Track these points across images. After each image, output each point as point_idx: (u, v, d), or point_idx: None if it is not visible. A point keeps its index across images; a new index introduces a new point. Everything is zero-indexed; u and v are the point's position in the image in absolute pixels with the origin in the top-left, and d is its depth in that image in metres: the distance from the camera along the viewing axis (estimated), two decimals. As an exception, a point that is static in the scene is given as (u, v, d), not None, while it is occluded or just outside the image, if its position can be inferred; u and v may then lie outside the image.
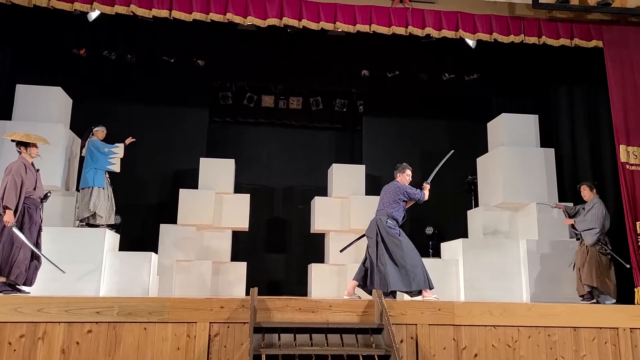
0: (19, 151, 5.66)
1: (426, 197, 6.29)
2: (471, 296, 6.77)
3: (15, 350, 4.73)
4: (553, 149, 7.76)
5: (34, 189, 5.58)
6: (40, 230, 5.67)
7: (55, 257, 6.09)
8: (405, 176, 6.34)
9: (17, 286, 5.51)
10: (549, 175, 7.55)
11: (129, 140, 7.28)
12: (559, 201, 7.49)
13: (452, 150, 6.74)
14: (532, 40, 7.05)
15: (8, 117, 6.88)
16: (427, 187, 6.29)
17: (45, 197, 5.76)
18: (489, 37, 6.99)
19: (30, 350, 4.75)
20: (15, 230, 5.37)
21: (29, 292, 5.53)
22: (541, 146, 7.81)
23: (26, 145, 5.64)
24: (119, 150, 7.10)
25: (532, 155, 7.61)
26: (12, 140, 5.72)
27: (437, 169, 6.49)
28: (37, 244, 5.62)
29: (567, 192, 7.70)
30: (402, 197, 6.19)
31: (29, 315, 4.79)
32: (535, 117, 7.92)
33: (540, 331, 5.42)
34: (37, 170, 5.71)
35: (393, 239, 6.01)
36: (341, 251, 6.95)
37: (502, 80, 8.87)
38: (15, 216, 5.37)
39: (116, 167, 7.08)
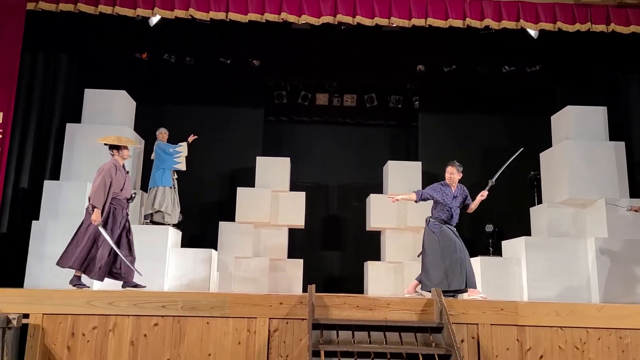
0: (111, 153, 5.93)
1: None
2: (535, 296, 6.55)
3: (88, 341, 4.97)
4: (623, 143, 7.36)
5: (121, 190, 5.83)
6: (124, 229, 5.88)
7: (123, 253, 6.36)
8: (446, 174, 6.19)
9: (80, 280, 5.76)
10: (620, 169, 7.17)
11: (191, 138, 7.53)
12: (630, 197, 7.11)
13: (522, 148, 6.51)
14: (599, 28, 6.74)
15: (78, 120, 7.24)
16: (483, 194, 6.10)
17: (131, 197, 6.00)
18: (553, 26, 6.73)
19: (102, 342, 4.98)
20: (101, 229, 5.62)
21: (89, 287, 5.77)
22: (610, 139, 7.43)
23: (118, 147, 5.90)
24: (182, 149, 7.37)
25: (601, 149, 7.24)
26: (105, 144, 5.99)
27: (504, 167, 6.27)
28: (122, 243, 5.83)
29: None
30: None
31: (101, 308, 5.02)
32: (603, 109, 7.54)
33: (611, 333, 5.16)
34: (127, 172, 5.98)
35: (431, 238, 6.01)
36: (418, 256, 6.91)
37: (566, 72, 8.51)
38: (102, 215, 5.63)
39: (182, 166, 7.35)
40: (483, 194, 6.09)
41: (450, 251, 5.91)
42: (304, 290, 6.53)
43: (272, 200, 8.12)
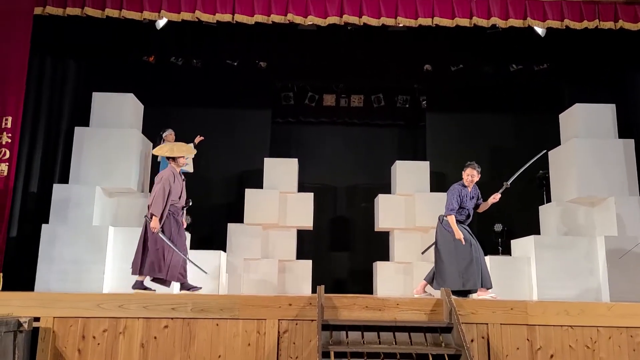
0: (168, 162, 6.05)
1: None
2: (545, 295, 6.50)
3: (99, 344, 5.00)
4: (633, 140, 7.30)
5: (179, 197, 5.95)
6: (181, 235, 6.00)
7: (132, 256, 6.41)
8: (465, 175, 6.17)
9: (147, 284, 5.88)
10: (629, 167, 7.11)
11: (197, 140, 7.56)
12: (640, 194, 7.07)
13: (545, 150, 6.48)
14: (607, 25, 6.69)
15: (86, 123, 7.28)
16: (496, 196, 6.08)
17: (187, 204, 6.10)
18: (560, 24, 6.69)
19: (112, 344, 5.01)
20: (162, 236, 5.72)
21: (154, 290, 5.88)
22: (619, 137, 7.38)
23: (173, 157, 6.00)
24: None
25: (610, 147, 7.19)
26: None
27: (521, 170, 6.26)
28: (184, 246, 5.97)
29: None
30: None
31: (111, 311, 5.05)
32: (612, 106, 7.48)
33: (622, 332, 5.13)
34: (184, 180, 6.08)
35: (445, 238, 6.00)
36: (423, 253, 6.91)
37: (574, 69, 8.45)
38: (160, 223, 5.72)
39: (189, 167, 7.37)
40: (496, 197, 6.09)
41: (466, 251, 5.89)
42: (313, 291, 6.53)
43: (280, 202, 8.13)
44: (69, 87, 7.51)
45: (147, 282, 5.87)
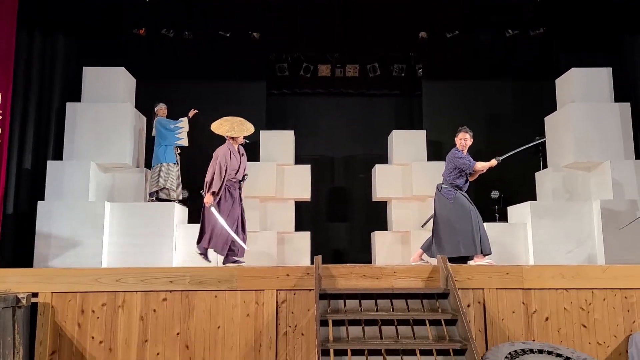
0: (226, 137, 6.21)
1: (479, 169, 6.07)
2: (541, 260, 6.55)
3: (98, 317, 5.06)
4: (629, 104, 7.25)
5: (236, 173, 6.15)
6: (240, 209, 6.22)
7: (130, 230, 6.44)
8: (458, 140, 6.17)
9: (233, 258, 6.14)
10: (625, 131, 7.08)
11: (192, 113, 7.51)
12: (636, 157, 7.05)
13: (544, 138, 6.44)
14: (603, -13, 6.56)
15: (78, 99, 7.21)
16: (493, 161, 6.09)
17: (243, 178, 6.27)
18: (556, -14, 6.55)
19: (112, 318, 5.07)
20: (213, 210, 5.93)
21: (243, 262, 6.13)
22: (616, 101, 7.32)
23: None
24: (183, 124, 7.35)
25: (606, 111, 7.14)
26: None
27: (515, 151, 6.27)
28: (242, 218, 6.20)
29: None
30: (455, 164, 6.06)
31: (109, 285, 5.10)
32: (608, 70, 7.41)
33: (616, 293, 5.19)
34: (242, 155, 6.23)
35: (443, 205, 6.02)
36: (423, 226, 6.93)
37: (570, 34, 8.33)
38: (215, 199, 5.94)
39: (184, 142, 7.34)
40: (492, 163, 6.09)
41: (465, 217, 5.92)
42: (312, 262, 6.57)
43: (277, 174, 8.10)
44: (59, 62, 7.39)
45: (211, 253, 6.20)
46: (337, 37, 8.75)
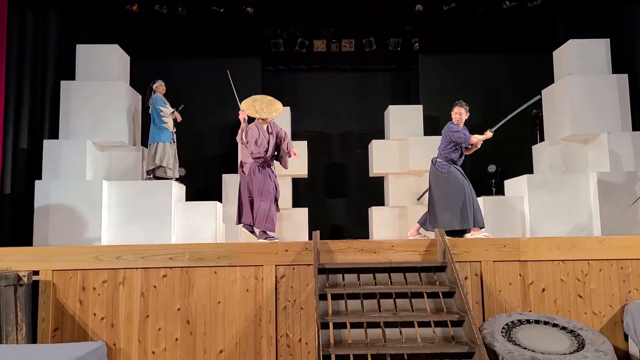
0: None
1: (474, 142, 6.07)
2: (538, 233, 6.60)
3: (99, 294, 5.11)
4: (627, 75, 7.21)
5: (265, 151, 6.30)
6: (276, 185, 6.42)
7: (128, 208, 6.45)
8: (454, 114, 6.19)
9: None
10: (622, 102, 7.06)
11: (177, 116, 7.36)
12: (633, 129, 7.05)
13: (539, 96, 6.43)
14: (602, -44, 6.47)
15: (72, 77, 7.14)
16: (488, 133, 6.10)
17: (273, 158, 6.44)
18: (554, -45, 6.45)
19: (113, 295, 5.12)
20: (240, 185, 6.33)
21: (277, 238, 6.28)
22: (613, 72, 7.29)
23: None
24: (165, 113, 7.14)
25: (604, 83, 7.11)
26: None
27: (510, 116, 6.25)
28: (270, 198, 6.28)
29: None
30: (451, 138, 6.07)
31: (109, 263, 5.13)
32: (606, 41, 7.35)
33: (612, 264, 5.26)
34: (271, 133, 6.39)
35: (438, 179, 6.05)
36: (418, 199, 6.97)
37: (568, 5, 8.24)
38: (246, 172, 6.27)
39: (168, 126, 7.17)
40: (487, 135, 6.10)
41: (459, 191, 5.94)
42: (310, 238, 6.61)
43: (274, 151, 8.10)
44: (52, 40, 7.28)
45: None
46: (332, 11, 8.64)
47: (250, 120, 6.52)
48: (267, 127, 6.40)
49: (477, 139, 6.11)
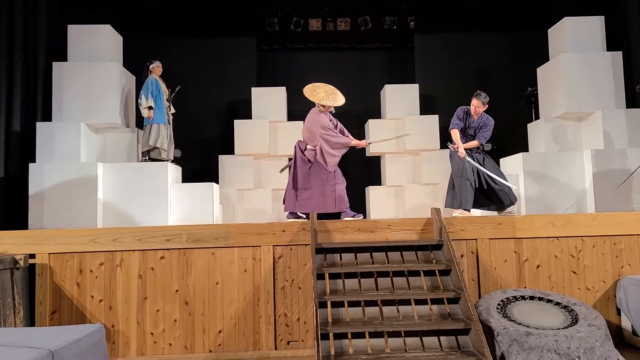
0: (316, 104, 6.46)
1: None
2: (533, 210, 6.64)
3: (97, 277, 5.13)
4: (620, 52, 7.20)
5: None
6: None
7: (123, 190, 6.44)
8: (471, 105, 6.31)
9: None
10: (617, 80, 7.07)
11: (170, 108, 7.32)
12: (627, 107, 7.06)
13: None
14: None
15: (64, 58, 7.06)
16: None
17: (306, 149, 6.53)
18: None
19: (110, 277, 5.14)
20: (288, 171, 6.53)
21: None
22: (607, 50, 7.27)
23: None
24: (141, 101, 7.04)
25: (598, 60, 7.09)
26: None
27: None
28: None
29: (637, 97, 7.22)
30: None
31: (106, 245, 5.14)
32: (601, 18, 7.31)
33: (606, 240, 5.32)
34: (335, 125, 6.51)
35: (456, 161, 6.20)
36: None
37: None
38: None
39: (146, 114, 7.02)
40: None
41: (456, 173, 6.07)
42: (307, 219, 6.63)
43: (270, 131, 8.07)
44: (43, 21, 7.17)
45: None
46: (327, -12, 8.55)
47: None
48: (329, 117, 6.44)
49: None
